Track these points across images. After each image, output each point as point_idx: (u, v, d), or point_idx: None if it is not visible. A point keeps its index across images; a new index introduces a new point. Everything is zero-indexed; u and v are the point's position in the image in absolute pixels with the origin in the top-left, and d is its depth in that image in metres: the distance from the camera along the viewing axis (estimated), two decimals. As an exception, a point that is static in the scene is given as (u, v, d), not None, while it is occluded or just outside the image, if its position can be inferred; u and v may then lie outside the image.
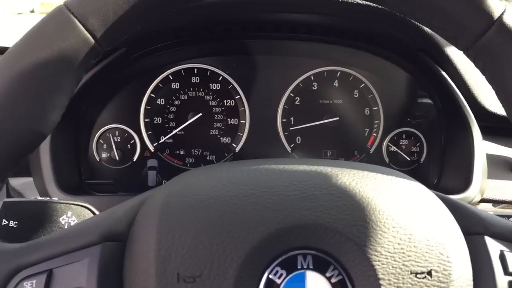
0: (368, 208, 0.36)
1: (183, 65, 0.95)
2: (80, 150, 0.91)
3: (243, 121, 0.97)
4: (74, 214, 0.55)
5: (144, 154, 0.95)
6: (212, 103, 0.97)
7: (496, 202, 0.85)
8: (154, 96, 0.95)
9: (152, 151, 0.96)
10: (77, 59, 0.40)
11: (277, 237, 0.34)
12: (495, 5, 0.39)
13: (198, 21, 0.86)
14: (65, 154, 0.86)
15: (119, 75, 0.91)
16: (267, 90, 0.97)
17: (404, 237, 0.35)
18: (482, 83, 0.86)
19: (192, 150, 0.97)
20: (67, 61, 0.40)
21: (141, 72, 0.94)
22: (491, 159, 0.86)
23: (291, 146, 0.98)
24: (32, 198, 0.57)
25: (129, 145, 0.95)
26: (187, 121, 0.95)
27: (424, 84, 0.93)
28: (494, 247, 0.38)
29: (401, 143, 0.97)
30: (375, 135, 0.98)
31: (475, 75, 0.86)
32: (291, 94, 0.97)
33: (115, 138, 0.94)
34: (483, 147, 0.84)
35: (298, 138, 0.98)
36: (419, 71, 0.91)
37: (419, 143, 0.97)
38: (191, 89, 0.96)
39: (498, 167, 0.88)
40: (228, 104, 0.97)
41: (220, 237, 0.34)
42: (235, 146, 0.97)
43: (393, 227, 0.35)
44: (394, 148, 0.97)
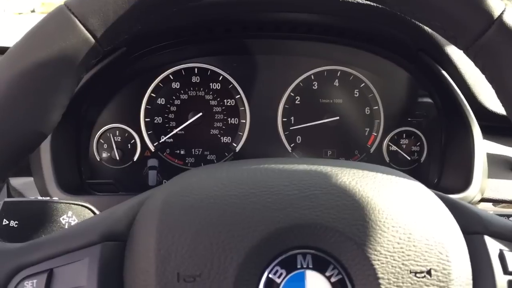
0: (367, 207, 0.36)
1: (183, 64, 0.95)
2: (81, 150, 0.91)
3: (244, 121, 0.97)
4: (75, 213, 0.55)
5: (145, 153, 0.95)
6: (213, 102, 0.97)
7: (497, 202, 0.85)
8: (154, 95, 0.95)
9: (153, 150, 0.96)
10: (77, 59, 0.40)
11: (277, 237, 0.35)
12: (495, 5, 0.39)
13: (198, 21, 0.86)
14: (65, 154, 0.86)
15: (120, 74, 0.91)
16: (267, 89, 0.97)
17: (403, 236, 0.35)
18: (482, 82, 0.86)
19: (193, 149, 0.97)
20: (68, 61, 0.40)
21: (141, 71, 0.94)
22: (492, 159, 0.86)
23: (292, 145, 0.98)
24: (32, 198, 0.57)
25: (129, 145, 0.95)
26: (187, 121, 0.95)
27: (424, 83, 0.93)
28: (493, 246, 0.38)
29: (401, 142, 0.97)
30: (375, 134, 0.98)
31: (475, 75, 0.86)
32: (292, 93, 0.97)
33: (115, 137, 0.94)
34: (483, 146, 0.84)
35: (299, 138, 0.98)
36: (419, 71, 0.91)
37: (419, 143, 0.97)
38: (192, 88, 0.96)
39: (498, 167, 0.88)
40: (228, 104, 0.97)
41: (220, 237, 0.34)
42: (235, 145, 0.97)
43: (393, 227, 0.35)
44: (394, 148, 0.97)
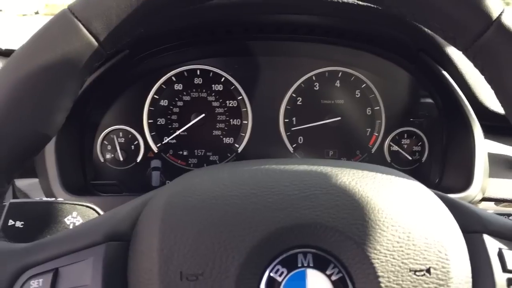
0: (367, 207, 0.36)
1: (185, 66, 0.96)
2: (85, 152, 0.91)
3: (246, 122, 0.97)
4: (79, 214, 0.55)
5: (148, 155, 0.96)
6: (215, 104, 0.97)
7: (498, 201, 0.85)
8: (157, 97, 0.96)
9: (156, 151, 0.96)
10: (81, 62, 0.41)
11: (278, 236, 0.35)
12: (493, 6, 0.39)
13: (200, 23, 0.87)
14: (70, 155, 0.87)
15: (123, 77, 0.92)
16: (269, 90, 0.97)
17: (403, 235, 0.35)
18: (482, 82, 0.85)
19: (195, 150, 0.97)
20: (71, 64, 0.40)
21: (144, 73, 0.94)
22: (493, 158, 0.86)
23: (293, 146, 0.98)
24: (37, 199, 0.57)
25: (133, 146, 0.95)
26: (190, 122, 0.96)
27: (425, 83, 0.93)
28: (492, 245, 0.38)
29: (402, 142, 0.97)
30: (376, 134, 0.98)
31: (476, 75, 0.86)
32: (293, 94, 0.97)
33: (119, 139, 0.95)
34: (484, 146, 0.84)
35: (300, 138, 0.98)
36: (420, 71, 0.92)
37: (420, 143, 0.97)
38: (194, 90, 0.97)
39: (499, 166, 0.88)
40: (230, 105, 0.97)
41: (221, 236, 0.35)
42: (237, 146, 0.98)
43: (392, 226, 0.36)
44: (395, 148, 0.97)
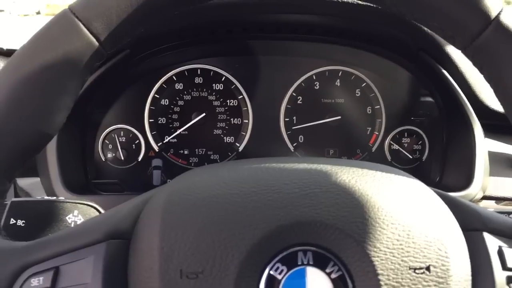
0: (367, 205, 0.36)
1: (186, 66, 0.96)
2: (86, 151, 0.92)
3: (246, 121, 0.97)
4: (81, 213, 0.55)
5: (149, 154, 0.96)
6: (216, 103, 0.97)
7: (498, 199, 0.85)
8: (158, 96, 0.96)
9: (157, 150, 0.96)
10: (81, 62, 0.41)
11: (278, 234, 0.35)
12: (492, 5, 0.39)
13: (200, 23, 0.87)
14: (71, 154, 0.87)
15: (124, 76, 0.92)
16: (269, 89, 0.97)
17: (402, 233, 0.35)
18: (483, 81, 0.85)
19: (196, 149, 0.98)
20: (72, 64, 0.41)
21: (145, 73, 0.95)
22: (493, 157, 0.86)
23: (294, 145, 0.98)
24: (39, 198, 0.57)
25: (134, 145, 0.96)
26: (191, 121, 0.96)
27: (425, 82, 0.93)
28: (492, 243, 0.38)
29: (403, 141, 0.97)
30: (377, 133, 0.98)
31: (475, 73, 0.85)
32: (294, 93, 0.97)
33: (120, 138, 0.95)
34: (484, 144, 0.84)
35: (301, 137, 0.98)
36: (420, 70, 0.91)
37: (421, 141, 0.97)
38: (195, 89, 0.97)
39: (500, 165, 0.87)
40: (231, 104, 0.97)
41: (221, 234, 0.35)
42: (238, 145, 0.98)
43: (392, 224, 0.36)
44: (396, 146, 0.97)
